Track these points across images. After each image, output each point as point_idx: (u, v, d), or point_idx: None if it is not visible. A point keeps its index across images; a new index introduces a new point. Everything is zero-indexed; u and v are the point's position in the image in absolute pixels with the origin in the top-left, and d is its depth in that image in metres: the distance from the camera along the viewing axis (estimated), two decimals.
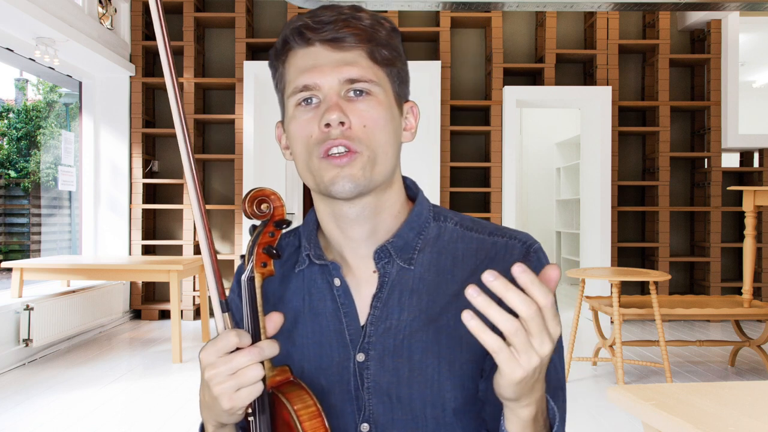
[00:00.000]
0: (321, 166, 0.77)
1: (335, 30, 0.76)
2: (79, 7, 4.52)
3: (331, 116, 0.75)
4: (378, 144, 0.77)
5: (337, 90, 0.76)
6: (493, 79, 5.33)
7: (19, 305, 3.84)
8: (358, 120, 0.76)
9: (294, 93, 0.78)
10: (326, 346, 0.82)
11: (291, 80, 0.79)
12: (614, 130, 5.36)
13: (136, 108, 5.30)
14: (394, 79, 0.82)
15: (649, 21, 5.58)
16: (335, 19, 0.77)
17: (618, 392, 0.96)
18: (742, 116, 5.68)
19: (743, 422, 0.83)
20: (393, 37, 0.81)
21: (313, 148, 0.77)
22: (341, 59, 0.77)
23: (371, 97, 0.78)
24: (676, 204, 5.63)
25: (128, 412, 3.01)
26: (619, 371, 3.24)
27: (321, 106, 0.77)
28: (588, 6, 4.02)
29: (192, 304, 5.32)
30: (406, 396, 0.79)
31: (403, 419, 0.79)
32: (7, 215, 5.15)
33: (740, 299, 3.65)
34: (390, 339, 0.80)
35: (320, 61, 0.77)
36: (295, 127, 0.79)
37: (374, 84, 0.78)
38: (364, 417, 0.80)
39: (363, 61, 0.77)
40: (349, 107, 0.76)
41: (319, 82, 0.76)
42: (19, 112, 5.23)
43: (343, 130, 0.75)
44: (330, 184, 0.77)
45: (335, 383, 0.81)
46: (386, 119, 0.78)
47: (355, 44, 0.77)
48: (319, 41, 0.77)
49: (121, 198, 5.30)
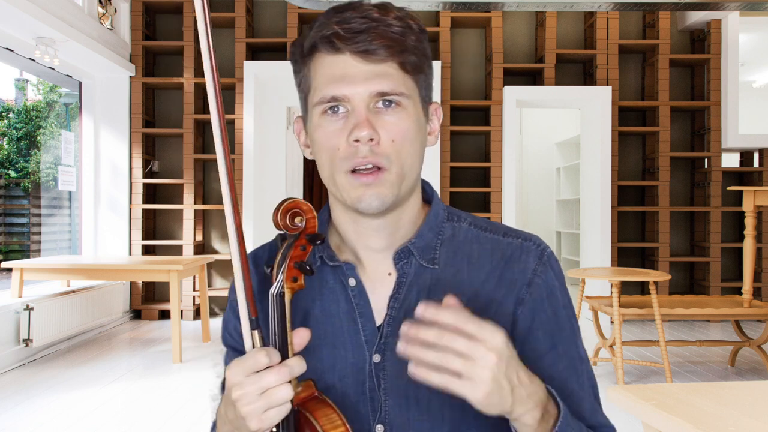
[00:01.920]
0: (348, 182, 0.76)
1: (367, 41, 0.74)
2: (79, 7, 4.52)
3: (360, 133, 0.73)
4: (406, 159, 0.77)
5: (366, 102, 0.75)
6: (493, 79, 5.33)
7: (19, 305, 3.84)
8: (387, 134, 0.75)
9: (320, 103, 0.76)
10: (340, 347, 0.82)
11: (318, 87, 0.77)
12: (614, 130, 5.36)
13: (136, 108, 5.30)
14: (422, 85, 0.81)
15: (649, 21, 5.58)
16: (366, 27, 0.74)
17: (618, 392, 0.96)
18: (742, 116, 5.68)
19: (743, 422, 0.83)
20: (422, 39, 0.79)
21: (340, 163, 0.76)
22: (372, 71, 0.75)
23: (400, 108, 0.76)
24: (676, 204, 5.63)
25: (128, 412, 3.01)
26: (619, 371, 3.24)
27: (349, 118, 0.75)
28: (588, 6, 4.02)
29: (192, 304, 5.32)
30: (424, 397, 0.78)
31: (419, 420, 0.79)
32: (7, 215, 5.15)
33: (740, 299, 3.65)
34: None
35: (350, 72, 0.75)
36: (320, 137, 0.77)
37: (404, 96, 0.76)
38: (380, 418, 0.80)
39: (394, 73, 0.76)
40: (377, 120, 0.75)
41: (348, 94, 0.75)
42: (19, 112, 5.23)
43: (371, 147, 0.74)
44: (357, 202, 0.76)
45: (349, 384, 0.81)
46: (414, 131, 0.78)
47: (387, 56, 0.75)
48: (350, 52, 0.75)
49: (121, 198, 5.30)
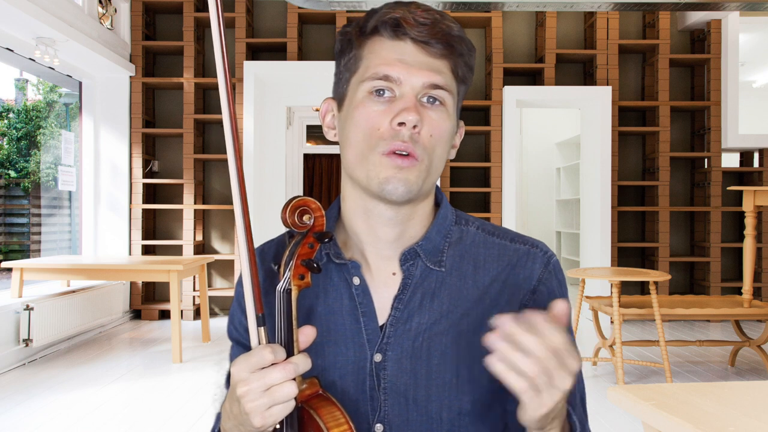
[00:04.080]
0: (381, 162, 0.76)
1: (430, 34, 0.76)
2: (79, 7, 4.52)
3: (408, 116, 0.74)
4: (437, 155, 0.78)
5: (416, 91, 0.76)
6: (493, 79, 5.33)
7: (19, 305, 3.84)
8: (428, 128, 0.76)
9: (371, 79, 0.77)
10: (341, 344, 0.82)
11: (371, 66, 0.77)
12: (614, 130, 5.36)
13: (136, 108, 5.30)
14: (461, 97, 0.83)
15: (649, 21, 5.58)
16: (430, 21, 0.76)
17: (618, 392, 0.96)
18: (742, 116, 5.68)
19: (743, 422, 0.83)
20: (472, 54, 0.81)
21: (378, 142, 0.76)
22: (428, 63, 0.76)
23: (443, 108, 0.78)
24: (676, 204, 5.63)
25: (128, 412, 3.01)
26: (619, 371, 3.24)
27: (396, 103, 0.76)
28: (588, 6, 4.03)
29: (192, 304, 5.31)
30: (422, 398, 0.79)
31: (418, 421, 0.79)
32: (7, 215, 5.15)
33: (740, 299, 3.65)
34: (409, 341, 0.80)
35: (408, 58, 0.76)
36: (361, 115, 0.77)
37: (450, 96, 0.78)
38: (379, 417, 0.80)
39: (446, 72, 0.78)
40: (422, 112, 0.76)
41: (402, 77, 0.75)
42: (19, 112, 5.23)
43: (413, 134, 0.75)
44: (384, 182, 0.76)
45: (350, 382, 0.81)
46: (449, 133, 0.80)
47: (444, 55, 0.77)
48: (412, 39, 0.76)
49: (121, 198, 5.30)
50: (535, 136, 8.54)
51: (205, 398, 3.20)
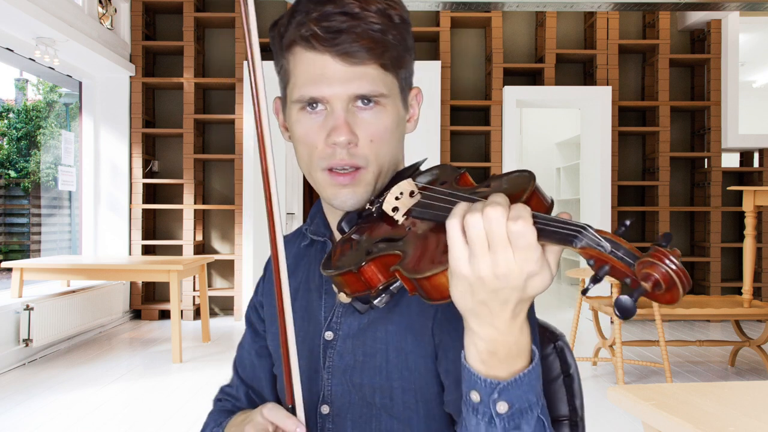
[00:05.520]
0: (324, 180, 0.77)
1: (348, 42, 0.71)
2: (79, 7, 4.52)
3: (338, 138, 0.73)
4: (384, 157, 0.77)
5: (345, 104, 0.74)
6: (493, 79, 5.33)
7: (19, 305, 3.84)
8: (365, 134, 0.75)
9: (299, 101, 0.76)
10: (306, 320, 0.84)
11: (296, 84, 0.76)
12: (614, 130, 5.36)
13: (136, 108, 5.30)
14: (403, 77, 0.79)
15: (649, 21, 5.58)
16: (347, 27, 0.71)
17: (618, 392, 0.96)
18: (742, 116, 5.68)
19: (743, 422, 0.83)
20: (403, 32, 0.76)
21: (318, 160, 0.76)
22: (352, 73, 0.73)
23: (379, 107, 0.75)
24: (676, 204, 5.63)
25: (128, 412, 3.01)
26: (619, 371, 3.24)
27: (327, 118, 0.74)
28: (588, 6, 4.03)
29: (192, 304, 5.31)
30: (358, 381, 0.79)
31: (358, 404, 0.79)
32: (7, 215, 5.15)
33: (740, 299, 3.65)
34: (355, 321, 0.80)
35: (328, 73, 0.73)
36: (299, 132, 0.77)
37: (383, 96, 0.75)
38: (324, 398, 0.81)
39: (374, 73, 0.74)
40: (355, 120, 0.74)
41: (326, 95, 0.74)
42: (19, 112, 5.23)
43: (349, 149, 0.74)
44: (332, 198, 0.77)
45: (306, 359, 0.83)
46: (393, 128, 0.77)
47: (368, 58, 0.73)
48: (330, 53, 0.72)
49: (121, 198, 5.30)
50: (535, 136, 8.54)
51: (205, 398, 3.20)
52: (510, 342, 0.60)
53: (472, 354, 0.61)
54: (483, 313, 0.58)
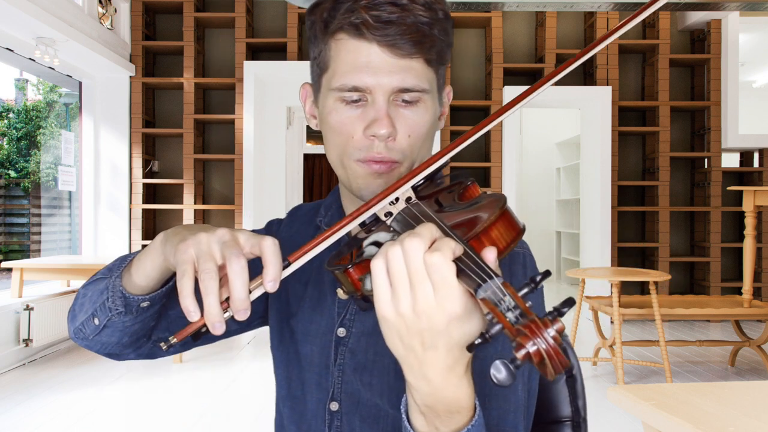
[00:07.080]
0: (357, 169, 0.75)
1: (397, 35, 0.70)
2: (79, 7, 4.52)
3: (380, 131, 0.71)
4: (419, 152, 0.76)
5: (388, 96, 0.72)
6: (493, 79, 5.33)
7: (19, 305, 3.84)
8: (404, 129, 0.74)
9: (340, 90, 0.73)
10: (317, 312, 0.83)
11: (338, 72, 0.73)
12: (614, 130, 5.37)
13: (136, 108, 5.30)
14: (442, 74, 0.79)
15: (649, 21, 5.58)
16: (396, 18, 0.70)
17: (618, 392, 0.96)
18: (742, 116, 5.68)
19: (743, 422, 0.83)
20: (447, 28, 0.75)
21: (353, 151, 0.74)
22: (398, 65, 0.72)
23: (420, 104, 0.74)
24: (676, 204, 5.63)
25: (128, 412, 3.01)
26: (619, 371, 3.24)
27: (368, 110, 0.73)
28: (588, 6, 4.03)
29: None
30: (368, 379, 0.78)
31: (367, 404, 0.78)
32: (7, 215, 5.15)
33: (740, 299, 3.65)
34: (369, 320, 0.79)
35: (375, 62, 0.71)
36: (334, 121, 0.75)
37: (425, 92, 0.74)
38: (334, 395, 0.80)
39: (418, 67, 0.73)
40: (396, 114, 0.73)
41: (371, 85, 0.72)
42: (19, 112, 5.23)
43: (387, 143, 0.73)
44: (363, 188, 0.76)
45: (316, 353, 0.81)
46: (430, 125, 0.76)
47: (414, 52, 0.72)
48: (377, 42, 0.71)
49: (121, 198, 5.30)
50: (535, 136, 8.54)
51: (205, 398, 3.20)
52: (448, 397, 0.56)
53: (411, 405, 0.59)
54: (413, 362, 0.55)
